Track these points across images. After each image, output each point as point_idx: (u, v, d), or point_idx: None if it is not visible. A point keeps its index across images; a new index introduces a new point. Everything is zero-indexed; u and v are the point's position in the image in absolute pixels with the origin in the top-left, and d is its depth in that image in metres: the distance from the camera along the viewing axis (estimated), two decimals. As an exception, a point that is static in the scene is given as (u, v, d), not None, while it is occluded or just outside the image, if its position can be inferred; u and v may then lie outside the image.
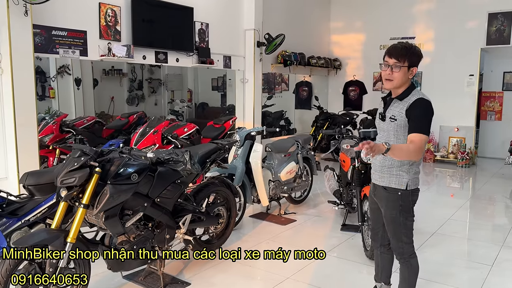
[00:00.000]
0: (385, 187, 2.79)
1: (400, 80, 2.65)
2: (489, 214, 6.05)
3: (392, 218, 2.78)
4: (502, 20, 8.85)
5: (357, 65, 10.95)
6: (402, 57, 2.62)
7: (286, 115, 10.84)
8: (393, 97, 2.77)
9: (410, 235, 2.83)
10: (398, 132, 2.69)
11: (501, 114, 10.05)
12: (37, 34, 4.93)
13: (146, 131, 5.96)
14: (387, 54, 2.68)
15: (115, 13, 5.81)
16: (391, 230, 2.84)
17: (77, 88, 8.04)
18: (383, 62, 2.72)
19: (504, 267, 4.02)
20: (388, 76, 2.68)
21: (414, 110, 2.61)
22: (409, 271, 2.88)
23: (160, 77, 10.71)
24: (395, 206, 2.74)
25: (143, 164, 3.16)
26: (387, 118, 2.75)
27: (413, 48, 2.67)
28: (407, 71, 2.64)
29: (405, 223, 2.74)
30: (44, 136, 5.83)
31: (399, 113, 2.67)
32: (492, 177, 8.18)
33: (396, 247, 2.86)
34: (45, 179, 3.39)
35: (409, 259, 2.85)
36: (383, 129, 2.80)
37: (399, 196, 2.73)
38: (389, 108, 2.76)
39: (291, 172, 5.60)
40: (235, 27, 7.91)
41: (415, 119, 2.59)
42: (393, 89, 2.74)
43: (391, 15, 10.23)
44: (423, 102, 2.63)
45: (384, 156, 2.70)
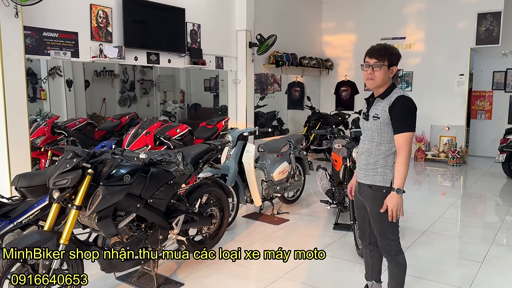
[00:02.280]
0: (370, 185, 2.84)
1: (381, 79, 2.74)
2: (479, 212, 6.12)
3: (377, 216, 2.81)
4: (491, 20, 8.95)
5: (349, 65, 11.02)
6: (381, 56, 2.72)
7: (279, 115, 10.88)
8: (375, 96, 2.85)
9: (396, 232, 2.87)
10: (381, 130, 2.76)
11: (491, 113, 10.16)
12: (28, 36, 4.91)
13: (139, 132, 5.96)
14: (367, 55, 2.78)
15: (106, 14, 5.80)
16: (377, 228, 2.88)
17: (68, 90, 8.01)
18: (364, 63, 2.82)
19: (494, 264, 4.08)
20: (369, 76, 2.77)
21: (396, 108, 2.70)
22: (396, 268, 2.91)
23: (152, 78, 10.70)
24: (380, 204, 2.76)
25: (136, 165, 3.16)
26: (370, 117, 2.82)
27: (392, 49, 2.77)
28: (387, 70, 2.74)
29: (391, 221, 2.76)
30: (35, 138, 5.81)
31: (382, 111, 2.75)
32: (482, 176, 8.27)
33: (383, 244, 2.89)
34: (37, 181, 3.38)
35: (396, 256, 2.89)
36: (367, 128, 2.87)
37: (384, 193, 2.76)
38: (372, 108, 2.84)
39: (284, 172, 5.62)
40: (227, 27, 7.93)
41: (397, 117, 2.69)
42: (375, 89, 2.82)
43: (382, 16, 10.30)
44: (404, 100, 2.72)
45: (368, 154, 2.82)
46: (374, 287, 3.24)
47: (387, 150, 2.77)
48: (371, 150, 2.82)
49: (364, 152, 2.88)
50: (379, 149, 2.78)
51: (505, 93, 9.94)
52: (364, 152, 2.87)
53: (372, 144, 2.81)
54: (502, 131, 8.30)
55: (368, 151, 2.84)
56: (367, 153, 2.84)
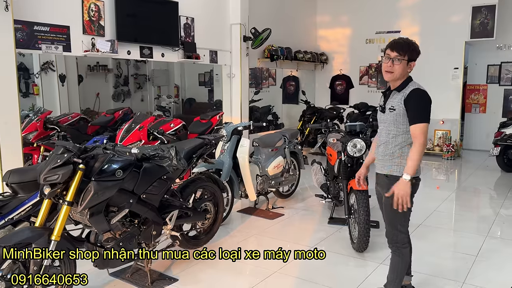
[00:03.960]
0: (386, 174, 2.91)
1: (399, 73, 2.80)
2: (474, 205, 6.14)
3: (390, 205, 2.84)
4: (485, 14, 8.94)
5: (344, 59, 10.99)
6: (403, 51, 2.78)
7: (274, 109, 10.84)
8: (392, 89, 2.91)
9: (406, 225, 2.93)
10: (397, 121, 2.83)
11: (486, 106, 10.18)
12: (18, 30, 4.84)
13: (132, 127, 5.90)
14: (389, 48, 2.83)
15: (98, 7, 5.72)
16: (388, 217, 2.95)
17: (61, 85, 7.93)
18: (384, 55, 2.88)
19: (488, 257, 4.08)
20: (388, 68, 2.83)
21: (411, 100, 2.76)
22: (399, 260, 2.95)
23: (146, 73, 10.62)
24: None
25: (128, 160, 3.13)
26: (386, 110, 2.90)
27: (414, 45, 2.84)
28: (406, 65, 2.80)
29: (402, 211, 2.79)
30: (28, 134, 5.74)
31: (398, 103, 2.81)
32: (477, 169, 8.29)
33: (390, 234, 2.96)
34: (29, 177, 3.33)
35: (402, 248, 2.94)
36: (383, 120, 2.95)
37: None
38: (389, 100, 2.91)
39: (279, 167, 5.60)
40: (221, 21, 7.86)
41: (413, 109, 2.75)
42: (392, 81, 2.88)
43: (376, 10, 10.27)
44: (419, 92, 2.78)
45: (385, 146, 2.89)
46: (404, 278, 3.27)
47: (403, 141, 2.85)
48: (388, 141, 2.91)
49: (381, 143, 2.96)
50: (395, 141, 2.86)
51: (499, 87, 9.95)
52: (381, 144, 2.96)
53: (388, 135, 2.90)
54: (496, 125, 8.32)
55: (385, 143, 2.92)
56: (385, 144, 2.92)
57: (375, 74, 10.45)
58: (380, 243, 4.34)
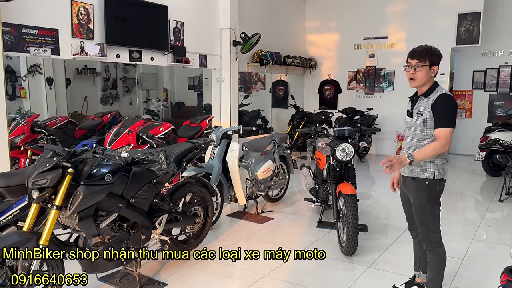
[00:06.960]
0: (414, 177, 2.99)
1: (422, 78, 2.92)
2: (460, 209, 6.22)
3: (420, 207, 2.97)
4: (471, 21, 9.09)
5: (332, 64, 11.07)
6: (423, 57, 2.90)
7: (263, 114, 10.88)
8: (419, 94, 3.01)
9: (437, 224, 3.02)
10: (424, 126, 2.92)
11: (471, 112, 10.34)
12: (6, 32, 4.80)
13: (121, 131, 5.87)
14: (409, 57, 2.96)
15: (87, 11, 5.70)
16: (419, 218, 3.03)
17: (49, 88, 7.86)
18: (406, 64, 3.00)
19: (474, 260, 4.15)
20: (411, 76, 2.96)
21: (438, 105, 2.85)
22: (436, 259, 3.03)
23: (135, 76, 10.58)
24: (423, 195, 2.94)
25: (117, 164, 3.12)
26: (414, 114, 3.00)
27: (432, 49, 2.95)
28: (428, 70, 2.91)
29: (432, 212, 2.95)
30: (15, 137, 5.68)
31: (425, 108, 2.91)
32: (463, 173, 8.41)
33: (424, 235, 3.04)
34: (16, 181, 3.29)
35: (436, 247, 3.02)
36: (410, 124, 3.04)
37: (427, 185, 2.94)
38: (416, 105, 3.01)
39: (268, 171, 5.62)
40: (210, 25, 7.88)
41: (440, 113, 2.85)
42: (419, 88, 3.00)
43: (364, 16, 10.38)
44: (446, 97, 2.87)
45: (412, 150, 2.96)
46: (421, 277, 3.37)
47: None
48: (414, 145, 2.98)
49: (408, 147, 3.04)
50: (422, 144, 2.94)
51: (485, 92, 10.11)
52: (408, 148, 3.04)
53: (415, 139, 2.99)
54: (482, 130, 8.43)
55: (412, 147, 3.00)
56: (411, 148, 3.00)
57: (363, 79, 10.54)
58: (368, 247, 4.38)
